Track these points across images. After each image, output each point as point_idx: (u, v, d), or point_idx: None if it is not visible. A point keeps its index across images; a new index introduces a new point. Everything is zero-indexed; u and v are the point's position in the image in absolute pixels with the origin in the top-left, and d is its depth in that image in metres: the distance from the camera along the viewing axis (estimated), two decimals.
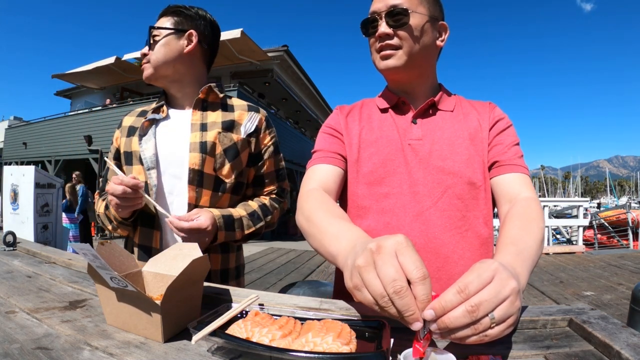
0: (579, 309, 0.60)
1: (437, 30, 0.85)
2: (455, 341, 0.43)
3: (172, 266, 0.65)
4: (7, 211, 3.53)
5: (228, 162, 1.03)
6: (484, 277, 0.43)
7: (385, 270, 0.42)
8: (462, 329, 0.42)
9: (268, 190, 1.15)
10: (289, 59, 11.88)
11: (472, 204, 0.80)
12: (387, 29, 0.81)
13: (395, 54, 0.82)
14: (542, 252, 0.66)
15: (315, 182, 0.83)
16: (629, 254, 6.04)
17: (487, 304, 0.41)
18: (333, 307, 0.65)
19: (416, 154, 0.82)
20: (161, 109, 1.07)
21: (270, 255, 6.77)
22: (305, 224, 0.73)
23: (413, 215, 0.79)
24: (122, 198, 0.91)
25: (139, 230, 1.03)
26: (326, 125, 0.93)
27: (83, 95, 14.73)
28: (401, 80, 0.87)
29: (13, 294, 0.75)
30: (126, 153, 1.06)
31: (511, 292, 0.43)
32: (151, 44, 1.03)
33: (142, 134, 1.03)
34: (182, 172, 1.00)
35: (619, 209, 9.28)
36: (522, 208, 0.71)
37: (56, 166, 12.45)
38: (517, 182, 0.78)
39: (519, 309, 0.44)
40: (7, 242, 1.24)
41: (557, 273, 4.80)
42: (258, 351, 0.45)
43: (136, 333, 0.57)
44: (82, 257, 0.55)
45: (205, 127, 1.04)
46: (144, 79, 1.07)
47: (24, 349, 0.50)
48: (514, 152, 0.82)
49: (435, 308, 0.42)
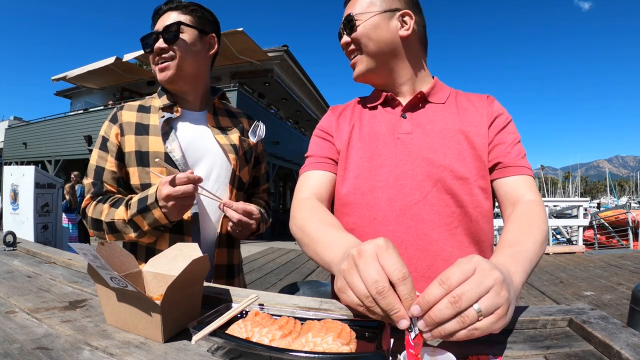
0: (579, 309, 0.60)
1: (397, 21, 0.83)
2: (445, 338, 0.43)
3: (172, 266, 0.65)
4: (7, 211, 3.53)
5: (246, 164, 1.10)
6: (465, 269, 0.44)
7: (367, 272, 0.45)
8: (449, 322, 0.42)
9: (262, 189, 1.23)
10: (289, 59, 11.88)
11: (465, 201, 0.77)
12: (346, 39, 0.86)
13: (358, 59, 0.86)
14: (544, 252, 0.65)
15: (307, 190, 0.84)
16: (629, 254, 6.04)
17: (469, 293, 0.42)
18: (333, 307, 0.65)
19: (405, 147, 0.80)
20: (174, 109, 1.02)
21: (270, 255, 6.76)
22: (299, 234, 0.75)
23: (399, 209, 0.77)
24: (188, 197, 0.84)
25: (167, 237, 0.95)
26: (318, 128, 0.95)
27: (83, 95, 14.73)
28: (379, 82, 0.89)
29: (13, 294, 0.75)
30: (140, 153, 0.96)
31: (494, 282, 0.43)
32: (169, 39, 0.96)
33: (165, 134, 0.97)
34: (210, 171, 1.02)
35: (619, 209, 9.28)
36: (523, 211, 0.71)
37: (56, 166, 12.46)
38: (521, 184, 0.76)
39: (508, 300, 0.44)
40: (7, 242, 1.24)
41: (557, 273, 4.80)
42: (258, 351, 0.45)
43: (136, 333, 0.57)
44: (82, 257, 0.55)
45: (225, 130, 1.08)
46: (165, 79, 0.99)
47: (24, 349, 0.50)
48: (517, 152, 0.80)
49: (420, 303, 0.43)
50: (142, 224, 0.89)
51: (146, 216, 0.87)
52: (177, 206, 0.85)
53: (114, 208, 0.92)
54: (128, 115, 1.01)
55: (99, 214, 0.92)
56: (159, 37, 0.97)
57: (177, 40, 0.97)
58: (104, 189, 0.97)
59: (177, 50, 0.97)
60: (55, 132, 12.91)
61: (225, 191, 1.04)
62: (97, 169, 0.98)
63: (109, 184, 0.98)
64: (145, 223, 0.88)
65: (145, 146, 0.97)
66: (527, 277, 0.57)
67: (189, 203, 0.86)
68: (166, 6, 1.00)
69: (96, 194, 0.97)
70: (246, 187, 1.13)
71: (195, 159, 1.00)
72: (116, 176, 0.98)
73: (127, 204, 0.91)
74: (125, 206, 0.91)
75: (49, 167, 12.44)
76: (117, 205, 0.92)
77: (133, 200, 0.90)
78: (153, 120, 1.00)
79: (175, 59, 0.97)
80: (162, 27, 0.97)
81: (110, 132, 0.99)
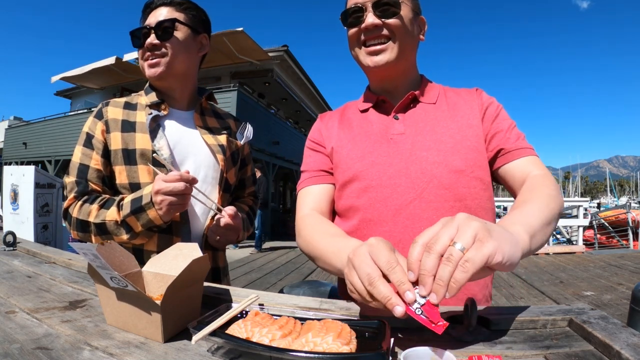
0: (579, 309, 0.60)
1: (417, 24, 0.83)
2: (451, 291, 0.42)
3: (172, 266, 0.65)
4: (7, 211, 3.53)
5: (233, 165, 1.09)
6: (433, 227, 0.48)
7: (362, 269, 0.47)
8: (439, 270, 0.43)
9: (249, 192, 1.22)
10: (289, 59, 11.87)
11: (463, 193, 0.76)
12: (377, 21, 0.76)
13: (385, 48, 0.78)
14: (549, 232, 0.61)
15: (307, 206, 0.85)
16: (629, 254, 6.04)
17: (440, 235, 0.45)
18: (333, 307, 0.65)
19: (398, 147, 0.80)
20: (162, 106, 1.00)
21: (270, 255, 6.76)
22: (307, 248, 0.77)
23: (395, 208, 0.76)
24: (180, 196, 0.82)
25: (156, 238, 0.93)
26: (308, 139, 0.94)
27: (83, 95, 14.72)
28: (389, 76, 0.84)
29: (13, 294, 0.75)
30: (127, 151, 0.93)
31: (462, 218, 0.46)
32: (161, 35, 0.93)
33: (152, 131, 0.94)
34: (198, 171, 1.00)
35: (619, 209, 9.28)
36: (529, 184, 0.71)
37: (56, 166, 12.45)
38: (526, 165, 0.76)
39: (481, 226, 0.45)
40: (7, 242, 1.24)
41: (557, 273, 4.80)
42: (258, 351, 0.45)
43: (136, 333, 0.57)
44: (82, 257, 0.55)
45: (212, 130, 1.07)
46: (154, 75, 0.96)
47: (24, 349, 0.50)
48: (516, 136, 0.79)
49: (408, 266, 0.45)
50: (135, 225, 0.86)
51: (140, 217, 0.85)
52: (168, 204, 0.82)
53: (104, 209, 0.88)
54: (114, 111, 0.97)
55: (86, 214, 0.88)
56: (151, 33, 0.93)
57: (170, 38, 0.94)
58: (89, 188, 0.93)
59: (170, 47, 0.94)
60: (55, 132, 12.90)
61: (214, 192, 1.02)
62: (80, 166, 0.93)
63: (94, 183, 0.93)
64: (138, 224, 0.86)
65: (132, 144, 0.94)
66: (530, 228, 0.56)
67: (181, 202, 0.83)
68: (159, 0, 0.96)
69: (81, 193, 0.92)
70: (232, 189, 1.12)
71: (183, 158, 0.98)
72: (102, 175, 0.94)
73: (119, 205, 0.88)
74: (117, 207, 0.87)
75: (49, 167, 12.43)
76: (108, 206, 0.88)
77: (125, 200, 0.88)
78: (140, 117, 0.97)
79: (167, 56, 0.95)
80: (154, 22, 0.94)
81: (95, 128, 0.95)
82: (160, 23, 0.93)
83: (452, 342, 0.51)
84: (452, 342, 0.51)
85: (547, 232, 0.60)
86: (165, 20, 0.94)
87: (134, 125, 0.96)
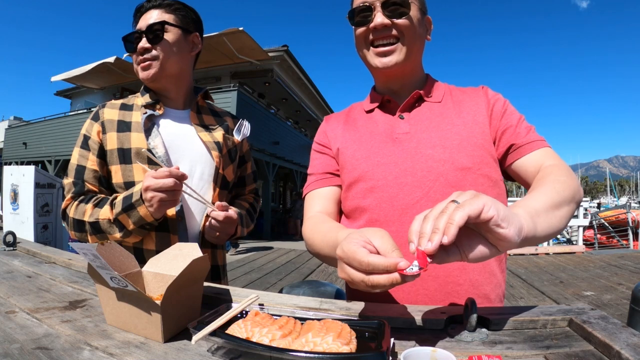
0: (579, 309, 0.60)
1: (424, 24, 0.83)
2: (450, 236, 0.42)
3: (172, 266, 0.65)
4: (7, 211, 3.53)
5: (231, 162, 1.09)
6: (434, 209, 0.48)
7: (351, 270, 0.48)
8: (436, 221, 0.44)
9: (249, 189, 1.22)
10: (289, 59, 11.87)
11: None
12: (386, 21, 0.76)
13: (394, 49, 0.78)
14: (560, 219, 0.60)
15: (313, 209, 0.85)
16: (629, 254, 6.04)
17: (437, 206, 0.46)
18: (333, 307, 0.65)
19: (403, 146, 0.79)
20: (157, 106, 1.01)
21: (270, 255, 6.76)
22: (311, 250, 0.79)
23: (401, 208, 0.76)
24: (170, 192, 0.82)
25: (154, 236, 0.94)
26: (315, 142, 0.94)
27: (83, 95, 14.72)
28: (396, 76, 0.84)
29: (13, 294, 0.75)
30: (122, 150, 0.95)
31: (456, 193, 0.48)
32: (152, 39, 0.95)
33: (147, 130, 0.95)
34: (194, 169, 1.01)
35: (619, 209, 9.29)
36: (540, 174, 0.70)
37: (56, 166, 12.45)
38: (539, 158, 0.75)
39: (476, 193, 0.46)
40: (7, 242, 1.24)
41: (557, 273, 4.80)
42: (258, 351, 0.45)
43: (136, 333, 0.57)
44: (82, 257, 0.55)
45: (208, 128, 1.07)
46: (147, 77, 0.98)
47: (24, 349, 0.50)
48: (526, 130, 0.78)
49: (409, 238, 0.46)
50: (127, 222, 0.86)
51: (131, 214, 0.85)
52: (158, 200, 0.81)
53: (97, 208, 0.89)
54: (110, 113, 0.99)
55: (82, 214, 0.89)
56: (142, 37, 0.95)
57: (161, 41, 0.95)
58: (86, 189, 0.94)
59: (161, 50, 0.96)
60: (55, 132, 12.90)
61: (209, 190, 1.02)
62: (78, 167, 0.95)
63: (90, 183, 0.95)
64: (130, 222, 0.86)
65: (127, 143, 0.95)
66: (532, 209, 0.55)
67: (171, 199, 0.83)
68: (149, 4, 0.97)
69: (77, 193, 0.94)
70: (231, 186, 1.11)
71: (178, 156, 0.99)
72: (98, 175, 0.95)
73: (112, 203, 0.88)
74: (109, 205, 0.88)
75: (49, 167, 12.43)
76: (101, 205, 0.89)
77: (118, 199, 0.88)
78: (135, 117, 0.98)
79: (159, 58, 0.96)
80: (145, 25, 0.95)
81: (91, 130, 0.97)
82: (150, 26, 0.95)
83: (452, 342, 0.51)
84: (452, 342, 0.51)
85: (557, 216, 0.59)
86: (155, 23, 0.95)
87: (130, 125, 0.98)
